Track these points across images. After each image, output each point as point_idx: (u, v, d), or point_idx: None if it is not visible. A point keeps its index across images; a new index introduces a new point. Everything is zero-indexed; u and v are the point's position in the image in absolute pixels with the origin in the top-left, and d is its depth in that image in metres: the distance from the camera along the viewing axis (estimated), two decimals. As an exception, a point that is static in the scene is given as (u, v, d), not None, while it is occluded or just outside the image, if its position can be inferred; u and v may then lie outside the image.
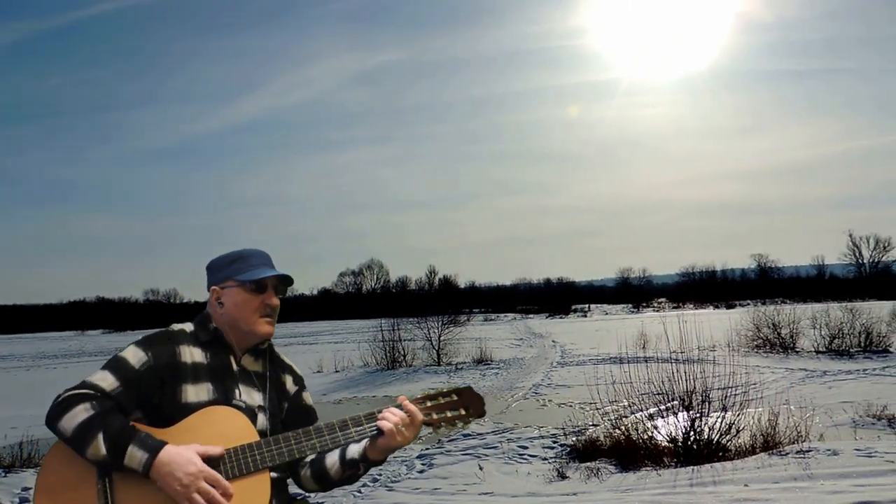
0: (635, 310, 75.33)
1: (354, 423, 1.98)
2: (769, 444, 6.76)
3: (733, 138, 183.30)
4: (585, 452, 7.28)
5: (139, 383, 1.88)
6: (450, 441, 8.24)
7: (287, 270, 2.15)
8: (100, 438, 1.74)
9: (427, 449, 7.93)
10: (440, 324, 21.67)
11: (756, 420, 7.23)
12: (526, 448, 7.91)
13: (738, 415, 7.10)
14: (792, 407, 8.79)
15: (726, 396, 7.27)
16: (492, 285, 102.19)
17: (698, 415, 7.01)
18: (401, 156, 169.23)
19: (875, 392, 11.03)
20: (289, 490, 2.10)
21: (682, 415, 7.22)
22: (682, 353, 8.68)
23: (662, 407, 7.83)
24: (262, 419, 2.03)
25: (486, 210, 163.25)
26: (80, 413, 1.76)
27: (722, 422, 7.01)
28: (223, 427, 1.90)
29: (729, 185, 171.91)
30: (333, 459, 2.08)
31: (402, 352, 20.52)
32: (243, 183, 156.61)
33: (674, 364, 7.53)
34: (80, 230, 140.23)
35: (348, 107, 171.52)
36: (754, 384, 10.28)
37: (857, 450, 6.29)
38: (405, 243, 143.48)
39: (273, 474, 1.94)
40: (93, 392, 1.82)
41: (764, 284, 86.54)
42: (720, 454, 6.76)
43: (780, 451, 6.41)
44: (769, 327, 19.87)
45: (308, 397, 2.24)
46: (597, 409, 9.09)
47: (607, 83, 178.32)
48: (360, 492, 6.25)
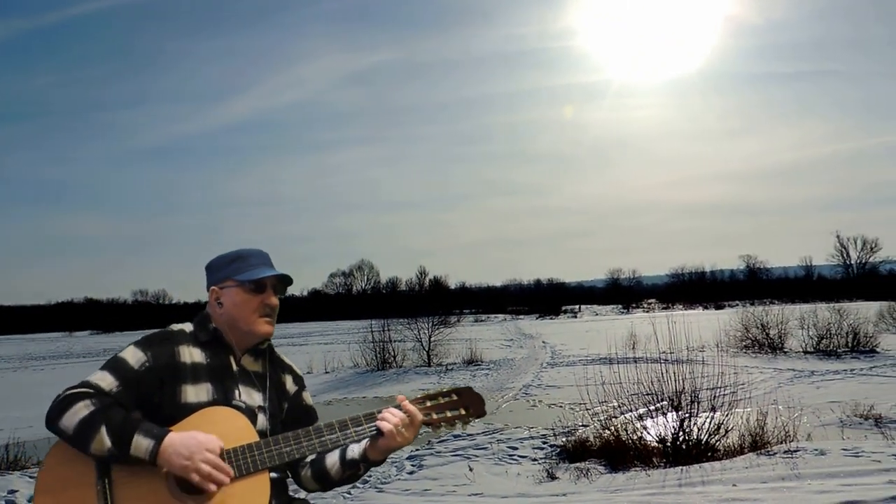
0: (625, 310, 75.53)
1: (354, 424, 1.98)
2: (757, 444, 6.81)
3: (722, 140, 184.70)
4: (575, 453, 7.29)
5: (138, 384, 1.88)
6: (440, 442, 8.24)
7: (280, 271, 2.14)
8: (103, 432, 1.74)
9: (417, 450, 7.92)
10: (430, 325, 21.67)
11: (744, 420, 7.28)
12: (516, 449, 7.92)
13: (727, 415, 7.13)
14: (780, 407, 8.85)
15: (715, 397, 7.31)
16: (482, 286, 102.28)
17: (687, 415, 7.05)
18: (392, 156, 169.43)
19: (862, 392, 11.12)
20: (289, 490, 2.10)
21: (672, 415, 7.25)
22: (672, 354, 8.72)
23: (652, 407, 7.86)
24: (262, 419, 2.03)
25: (478, 211, 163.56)
26: (81, 410, 1.76)
27: (711, 422, 7.04)
28: (223, 427, 1.89)
29: (718, 187, 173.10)
30: (333, 460, 2.08)
31: (393, 353, 20.50)
32: (234, 183, 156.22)
33: (663, 364, 7.56)
34: (69, 230, 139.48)
35: (340, 107, 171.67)
36: (743, 384, 10.32)
37: (845, 449, 6.34)
38: (397, 244, 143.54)
39: (273, 474, 1.94)
40: (92, 391, 1.82)
41: (752, 285, 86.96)
42: (709, 454, 6.80)
43: (769, 451, 6.45)
44: (758, 328, 19.99)
45: (308, 397, 2.24)
46: (587, 410, 9.10)
47: (598, 85, 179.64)
48: (350, 493, 6.23)
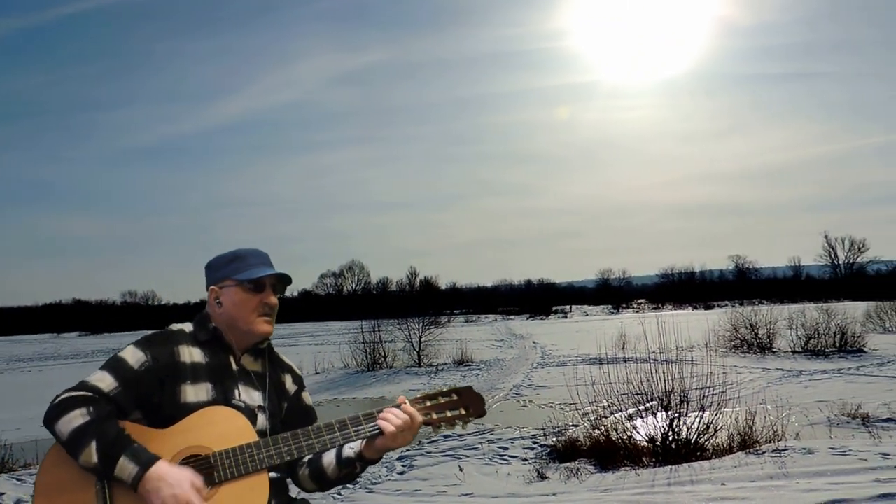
0: (615, 311, 75.68)
1: (354, 424, 1.98)
2: (746, 444, 6.84)
3: (712, 141, 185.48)
4: (565, 453, 7.31)
5: (138, 384, 1.88)
6: (430, 443, 8.23)
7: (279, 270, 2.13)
8: (93, 446, 1.73)
9: (407, 451, 7.91)
10: (421, 325, 21.67)
11: (733, 420, 7.31)
12: (506, 449, 7.93)
13: (716, 414, 7.17)
14: (768, 406, 8.91)
15: (704, 396, 7.35)
16: (473, 287, 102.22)
17: (677, 415, 7.08)
18: (385, 156, 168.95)
19: (850, 391, 11.21)
20: (289, 490, 2.10)
21: (661, 415, 7.28)
22: (661, 354, 8.75)
23: (641, 407, 7.89)
24: (262, 419, 2.03)
25: (470, 211, 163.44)
26: (77, 418, 1.76)
27: (700, 422, 7.08)
28: (222, 427, 1.89)
29: (707, 188, 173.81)
30: (330, 459, 2.08)
31: (383, 353, 20.48)
32: (226, 183, 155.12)
33: (653, 365, 7.59)
34: (59, 231, 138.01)
35: (332, 107, 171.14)
36: (732, 384, 10.39)
37: (832, 448, 6.38)
38: (389, 244, 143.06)
39: (272, 474, 1.94)
40: (91, 394, 1.81)
41: (741, 285, 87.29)
42: (698, 454, 6.83)
43: (757, 451, 6.48)
44: (746, 328, 20.10)
45: (307, 397, 2.24)
46: (577, 410, 9.13)
47: (588, 85, 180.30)
48: (340, 494, 6.22)
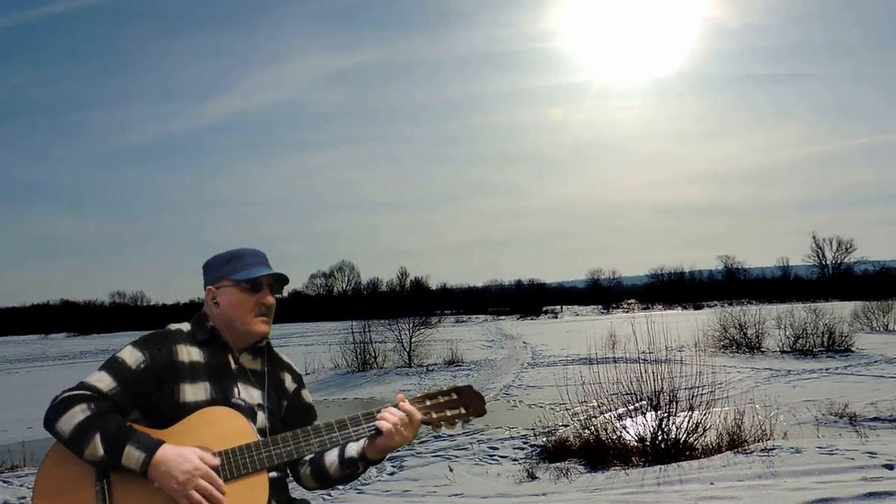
0: (605, 311, 75.88)
1: (353, 423, 1.98)
2: (735, 443, 6.87)
3: (701, 141, 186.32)
4: (555, 453, 7.32)
5: (137, 384, 1.88)
6: (420, 443, 8.23)
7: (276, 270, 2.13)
8: (97, 439, 1.73)
9: (397, 451, 7.90)
10: (411, 325, 21.64)
11: (722, 419, 7.35)
12: (496, 449, 7.93)
13: (705, 414, 7.20)
14: (757, 406, 8.95)
15: (693, 396, 7.38)
16: (463, 287, 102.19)
17: (666, 414, 7.11)
18: (376, 157, 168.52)
19: (837, 391, 11.29)
20: (289, 490, 2.09)
21: (651, 414, 7.31)
22: (651, 354, 8.78)
23: (631, 407, 7.91)
24: (262, 417, 2.03)
25: (460, 212, 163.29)
26: (77, 414, 1.76)
27: (689, 421, 7.11)
28: (222, 427, 1.88)
29: (696, 188, 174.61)
30: (332, 458, 2.08)
31: (373, 354, 20.44)
32: (216, 183, 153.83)
33: (642, 364, 7.62)
34: (46, 231, 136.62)
35: (322, 107, 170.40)
36: (721, 384, 10.43)
37: (819, 447, 6.42)
38: (379, 245, 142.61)
39: (273, 474, 1.93)
40: (90, 393, 1.81)
41: (730, 285, 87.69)
42: (687, 453, 6.86)
43: (746, 450, 6.51)
44: (735, 328, 20.19)
45: (307, 395, 2.24)
46: (567, 410, 9.15)
47: (578, 86, 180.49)
48: (330, 495, 6.21)
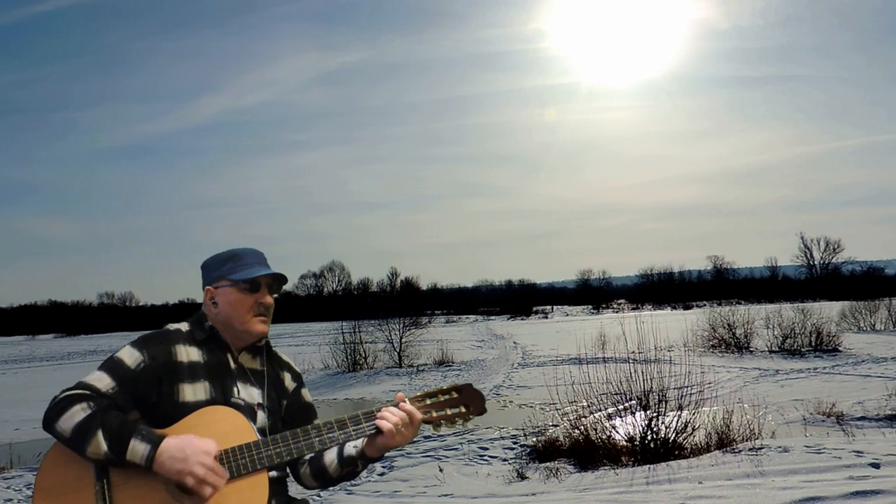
0: (595, 311, 76.07)
1: (353, 422, 1.98)
2: (723, 442, 6.91)
3: (690, 142, 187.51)
4: (545, 453, 7.33)
5: (136, 383, 1.87)
6: (410, 443, 8.21)
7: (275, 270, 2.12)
8: (99, 435, 1.72)
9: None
10: (401, 326, 21.61)
11: (711, 419, 7.38)
12: (486, 449, 7.93)
13: (694, 414, 7.23)
14: (745, 405, 9.01)
15: (682, 396, 7.40)
16: (454, 287, 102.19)
17: (655, 414, 7.13)
18: (365, 157, 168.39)
19: (825, 390, 11.36)
20: (289, 490, 2.08)
21: (640, 414, 7.33)
22: (640, 354, 8.82)
23: (620, 407, 7.93)
24: (262, 416, 2.03)
25: (450, 212, 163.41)
26: (78, 413, 1.75)
27: (678, 421, 7.13)
28: (222, 427, 1.88)
29: (686, 189, 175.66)
30: (331, 457, 2.08)
31: (364, 354, 20.40)
32: (203, 184, 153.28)
33: (632, 364, 7.64)
34: (33, 232, 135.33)
35: (310, 107, 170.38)
36: (710, 383, 10.48)
37: (807, 447, 6.46)
38: (368, 245, 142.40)
39: (273, 473, 1.93)
40: (89, 393, 1.80)
41: (719, 286, 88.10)
42: (676, 452, 6.88)
43: (734, 449, 6.54)
44: (724, 328, 20.30)
45: (307, 394, 2.24)
46: (556, 410, 9.17)
47: (568, 87, 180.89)
48: (320, 496, 6.18)
